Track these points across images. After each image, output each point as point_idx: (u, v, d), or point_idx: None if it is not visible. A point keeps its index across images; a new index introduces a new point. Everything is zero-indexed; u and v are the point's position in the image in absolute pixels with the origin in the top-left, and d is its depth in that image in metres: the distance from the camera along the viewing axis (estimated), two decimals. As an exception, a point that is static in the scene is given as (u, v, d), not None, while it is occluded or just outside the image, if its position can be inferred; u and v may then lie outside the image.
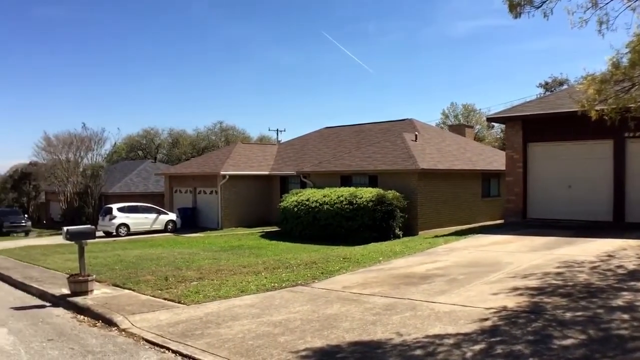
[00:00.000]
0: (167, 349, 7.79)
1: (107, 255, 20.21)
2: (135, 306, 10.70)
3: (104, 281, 13.79)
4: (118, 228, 32.71)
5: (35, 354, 8.09)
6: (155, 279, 13.62)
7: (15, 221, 42.80)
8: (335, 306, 9.61)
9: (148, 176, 48.64)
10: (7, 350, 8.34)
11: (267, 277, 13.09)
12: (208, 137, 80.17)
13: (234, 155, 37.00)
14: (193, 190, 37.29)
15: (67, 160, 47.10)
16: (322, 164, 30.83)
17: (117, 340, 8.61)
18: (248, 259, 17.48)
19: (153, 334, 8.52)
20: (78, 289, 12.11)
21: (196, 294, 11.49)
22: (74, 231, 12.65)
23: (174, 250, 21.72)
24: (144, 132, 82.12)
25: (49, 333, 9.35)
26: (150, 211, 34.64)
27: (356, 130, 37.56)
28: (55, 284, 13.94)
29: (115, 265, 16.82)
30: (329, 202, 24.02)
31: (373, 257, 15.77)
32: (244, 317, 9.24)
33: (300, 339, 7.71)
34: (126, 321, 9.49)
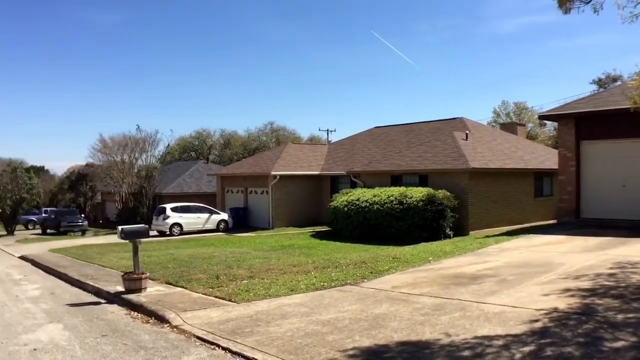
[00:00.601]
0: (218, 346, 7.93)
1: (160, 254, 20.60)
2: (187, 304, 10.90)
3: (158, 279, 14.08)
4: (171, 227, 33.28)
5: (90, 349, 8.33)
6: (206, 278, 13.84)
7: (72, 221, 43.76)
8: (384, 306, 9.63)
9: (200, 177, 49.30)
10: (62, 345, 8.61)
11: (317, 277, 13.18)
12: (259, 137, 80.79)
13: (284, 155, 37.24)
14: (244, 190, 37.68)
15: (122, 161, 48.08)
16: (372, 164, 30.79)
17: (169, 336, 8.80)
18: (298, 258, 17.60)
19: (204, 331, 8.68)
20: (132, 286, 12.40)
21: (246, 292, 11.64)
22: (128, 230, 12.96)
23: (225, 249, 22.00)
24: (196, 134, 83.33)
25: (103, 329, 9.62)
26: (202, 211, 35.14)
27: (406, 130, 37.38)
28: (110, 282, 14.29)
29: (168, 264, 17.14)
30: (379, 201, 23.98)
31: (423, 257, 15.71)
32: (293, 315, 9.33)
33: (349, 338, 7.76)
34: (178, 318, 9.68)
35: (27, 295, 13.92)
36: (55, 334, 9.39)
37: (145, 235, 13.24)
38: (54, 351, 8.25)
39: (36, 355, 8.09)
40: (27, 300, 13.22)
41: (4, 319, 10.86)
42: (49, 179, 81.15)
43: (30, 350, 8.33)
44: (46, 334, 9.36)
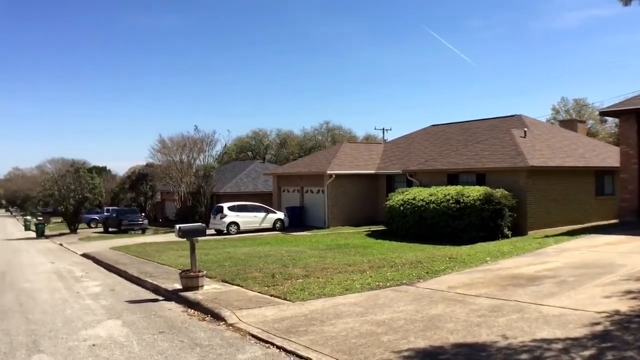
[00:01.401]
0: (272, 345, 7.94)
1: (217, 252, 20.82)
2: (243, 302, 10.97)
3: (214, 277, 14.23)
4: (228, 226, 33.62)
5: (147, 345, 8.46)
6: (262, 276, 13.90)
7: (132, 219, 44.64)
8: (440, 307, 9.49)
9: (257, 176, 49.71)
10: (120, 341, 8.77)
11: (372, 276, 13.10)
12: (315, 137, 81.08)
13: (340, 154, 37.22)
14: (300, 189, 37.81)
15: (181, 161, 48.88)
16: (428, 162, 30.51)
17: (225, 334, 8.86)
18: (353, 257, 17.54)
19: (259, 329, 8.71)
20: (189, 284, 12.56)
21: (301, 291, 11.65)
22: (185, 229, 13.13)
23: (281, 248, 22.11)
24: (253, 134, 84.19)
25: (161, 326, 9.76)
26: (259, 210, 35.40)
27: (463, 128, 36.91)
28: (169, 279, 14.52)
29: (225, 262, 17.31)
30: (436, 200, 23.72)
31: (480, 257, 15.46)
32: (347, 315, 9.29)
33: (404, 338, 7.67)
34: (233, 316, 9.75)
35: (88, 292, 14.26)
36: (114, 330, 9.58)
37: (202, 234, 13.36)
38: (112, 347, 8.41)
39: (95, 350, 8.26)
40: (88, 296, 13.54)
41: (65, 315, 11.14)
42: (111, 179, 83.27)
43: (90, 346, 8.51)
44: (105, 330, 9.56)
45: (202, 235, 13.38)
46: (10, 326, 10.27)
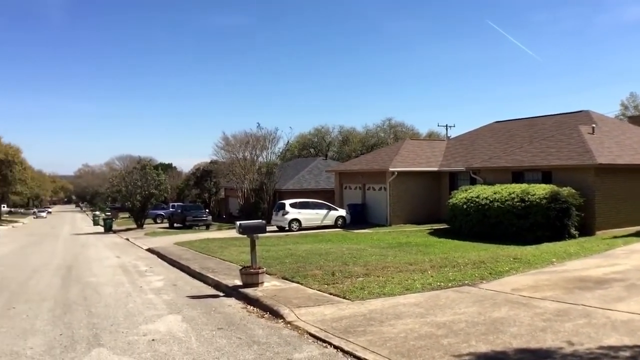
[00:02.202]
0: (329, 344, 7.85)
1: (278, 249, 20.87)
2: (302, 300, 10.92)
3: (274, 274, 14.23)
4: (290, 223, 33.69)
5: (205, 341, 8.49)
6: (322, 274, 13.83)
7: (197, 215, 45.25)
8: (503, 309, 9.22)
9: (319, 173, 49.77)
10: (179, 336, 8.84)
11: (433, 276, 12.86)
12: (377, 134, 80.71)
13: (402, 151, 36.87)
14: (362, 186, 37.62)
15: (244, 158, 49.36)
16: (492, 160, 29.89)
17: (282, 332, 8.83)
18: (415, 256, 17.30)
19: (317, 328, 8.64)
20: (249, 280, 12.60)
21: (361, 290, 11.52)
22: (246, 226, 13.17)
23: (342, 245, 22.00)
24: (315, 131, 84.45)
25: (220, 322, 9.80)
26: (320, 207, 35.36)
27: (528, 124, 35.97)
28: (230, 275, 14.62)
29: (285, 259, 17.31)
30: (500, 199, 23.17)
31: (545, 258, 15.01)
32: (407, 316, 9.12)
33: (464, 342, 7.46)
34: (292, 314, 9.71)
35: (150, 287, 14.49)
36: (174, 325, 9.67)
37: (262, 231, 13.36)
38: (170, 342, 8.48)
39: (154, 345, 8.34)
40: (151, 291, 13.76)
41: (127, 309, 11.34)
42: (176, 176, 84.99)
43: (149, 341, 8.61)
44: (165, 325, 9.66)
45: (263, 232, 13.37)
46: (73, 319, 10.50)
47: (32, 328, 9.85)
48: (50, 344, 8.68)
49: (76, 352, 8.14)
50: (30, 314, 11.23)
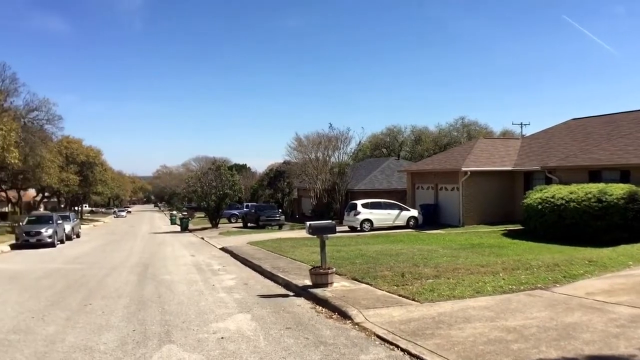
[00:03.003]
0: (396, 347, 7.79)
1: (349, 249, 20.87)
2: (370, 301, 10.88)
3: (344, 274, 14.23)
4: (362, 223, 33.66)
5: (273, 340, 8.58)
6: (392, 275, 13.73)
7: (270, 215, 45.74)
8: (576, 314, 8.94)
9: (391, 173, 49.54)
10: (248, 335, 8.97)
11: (505, 279, 12.58)
12: (450, 133, 79.70)
13: (475, 151, 36.32)
14: (434, 186, 37.24)
15: (316, 158, 49.67)
16: (568, 159, 29.05)
17: (350, 333, 8.82)
18: (487, 258, 16.98)
19: (384, 330, 8.59)
20: (319, 281, 12.64)
21: (431, 292, 11.38)
22: (315, 226, 13.22)
23: (413, 246, 21.82)
24: (387, 130, 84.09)
25: (288, 322, 9.89)
26: (392, 207, 35.19)
27: (606, 121, 34.74)
28: (300, 275, 14.71)
29: (356, 260, 17.29)
30: (576, 199, 22.47)
31: (621, 261, 14.46)
32: (476, 319, 8.97)
33: (535, 347, 7.26)
34: (360, 315, 9.68)
35: (222, 285, 14.76)
36: (243, 323, 9.82)
37: (332, 232, 13.34)
38: (239, 340, 8.61)
39: (222, 343, 8.48)
40: (222, 289, 14.00)
41: (199, 307, 11.57)
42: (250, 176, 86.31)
43: (218, 339, 8.76)
44: (235, 324, 9.82)
45: (332, 232, 13.36)
46: (146, 316, 10.81)
47: (107, 324, 10.19)
48: (123, 339, 8.96)
49: (147, 348, 8.37)
50: (106, 310, 11.62)
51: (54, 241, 31.56)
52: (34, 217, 35.95)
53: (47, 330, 9.75)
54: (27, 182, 53.96)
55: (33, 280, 16.93)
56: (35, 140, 44.02)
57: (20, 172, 47.88)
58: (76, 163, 64.62)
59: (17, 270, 19.80)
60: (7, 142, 32.02)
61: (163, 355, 8.00)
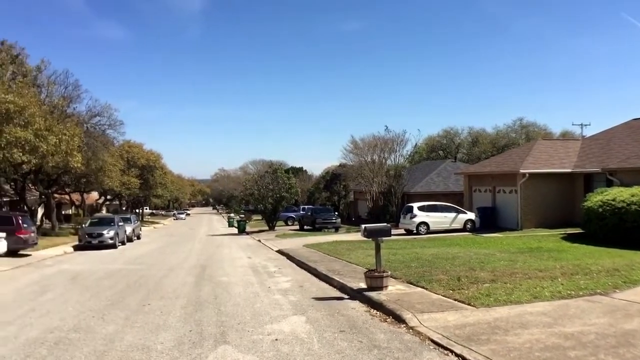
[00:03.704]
0: (451, 352, 7.75)
1: (405, 252, 20.76)
2: (425, 305, 10.83)
3: (399, 278, 14.19)
4: (418, 226, 33.46)
5: (326, 343, 8.63)
6: (447, 279, 13.63)
7: (326, 218, 45.74)
8: (636, 321, 8.72)
9: (448, 175, 49.09)
10: (302, 337, 9.04)
11: (563, 284, 12.35)
12: (508, 134, 78.37)
13: (534, 152, 35.65)
14: (492, 189, 36.70)
15: (372, 161, 49.64)
16: (629, 160, 28.22)
17: (404, 337, 8.80)
18: (545, 262, 16.65)
19: (439, 335, 8.55)
20: (373, 284, 12.64)
21: (487, 296, 11.26)
22: (371, 229, 13.22)
23: (470, 250, 21.56)
24: (444, 132, 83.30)
25: (342, 325, 9.92)
26: (449, 210, 34.87)
27: (669, 121, 33.64)
28: (355, 278, 14.71)
29: (411, 263, 17.20)
30: (637, 202, 21.83)
31: (685, 266, 14.03)
32: (533, 325, 8.84)
33: (592, 355, 7.12)
34: (415, 319, 9.65)
35: (278, 287, 14.90)
36: (298, 326, 9.90)
37: (387, 234, 13.30)
38: (293, 343, 8.69)
39: (276, 345, 8.59)
40: (278, 291, 14.14)
41: (254, 309, 11.72)
42: (307, 179, 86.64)
43: (272, 340, 8.87)
44: (289, 326, 9.91)
45: (387, 235, 13.32)
46: (202, 317, 11.00)
47: (164, 324, 10.41)
48: (179, 339, 9.15)
49: (203, 349, 8.52)
50: (164, 310, 11.87)
51: (115, 243, 32.36)
52: (96, 219, 37.03)
53: (107, 330, 10.03)
54: (90, 186, 55.49)
55: (94, 281, 17.43)
56: (97, 144, 45.17)
57: (84, 176, 49.25)
58: (137, 167, 66.06)
59: (79, 271, 20.39)
60: (70, 146, 32.93)
61: (218, 355, 8.14)
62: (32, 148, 29.69)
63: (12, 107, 28.82)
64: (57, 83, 42.83)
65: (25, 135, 28.96)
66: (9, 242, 23.53)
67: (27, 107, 29.73)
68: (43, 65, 41.70)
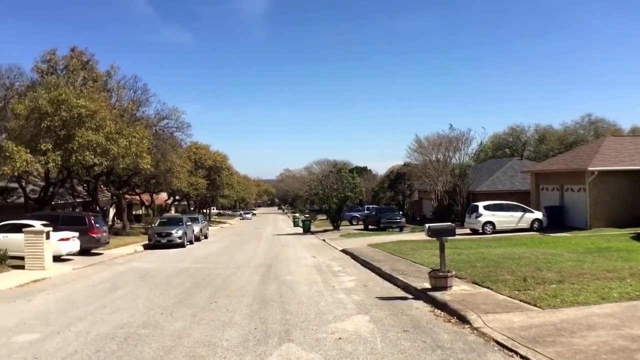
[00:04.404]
0: (515, 353, 7.71)
1: (470, 252, 20.59)
2: (490, 305, 10.76)
3: (464, 278, 14.11)
4: (484, 226, 33.04)
5: (390, 343, 8.68)
6: (513, 279, 13.49)
7: (391, 218, 45.56)
8: None
9: (514, 174, 48.24)
10: (365, 336, 9.12)
11: (632, 285, 12.06)
12: (576, 131, 76.40)
13: (603, 149, 34.68)
14: (560, 187, 35.92)
15: (437, 160, 49.25)
16: None
17: (468, 338, 8.79)
18: (614, 262, 16.25)
19: (503, 336, 8.50)
20: (438, 284, 12.61)
21: (553, 297, 11.10)
22: (435, 228, 13.21)
23: (536, 250, 21.20)
24: (509, 130, 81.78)
25: (406, 324, 9.96)
26: (515, 209, 34.29)
27: None
28: (419, 278, 14.71)
29: (476, 263, 17.07)
30: None
31: None
32: (600, 327, 8.69)
33: (661, 358, 6.99)
34: (479, 320, 9.61)
35: (342, 287, 15.02)
36: (361, 325, 9.99)
37: (451, 234, 13.25)
38: (356, 342, 8.78)
39: (340, 344, 8.69)
40: (342, 291, 14.26)
41: (318, 308, 11.87)
42: (371, 178, 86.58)
43: (336, 339, 8.99)
44: (352, 325, 10.01)
45: (451, 235, 13.28)
46: (267, 315, 11.22)
47: (230, 321, 10.68)
48: (245, 336, 9.37)
49: (267, 346, 8.71)
50: (230, 308, 12.16)
51: (183, 242, 33.15)
52: (165, 219, 38.02)
53: (175, 326, 10.36)
54: (159, 186, 56.89)
55: (163, 278, 17.94)
56: (165, 146, 46.32)
57: (153, 177, 50.60)
58: (204, 168, 67.27)
59: (149, 269, 21.00)
60: (140, 149, 33.88)
61: (282, 353, 8.31)
62: (104, 150, 30.70)
63: (83, 112, 29.90)
64: (126, 87, 44.28)
65: (96, 139, 29.99)
66: (82, 241, 24.46)
67: (98, 111, 30.77)
68: (113, 70, 43.13)
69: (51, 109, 29.67)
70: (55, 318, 11.43)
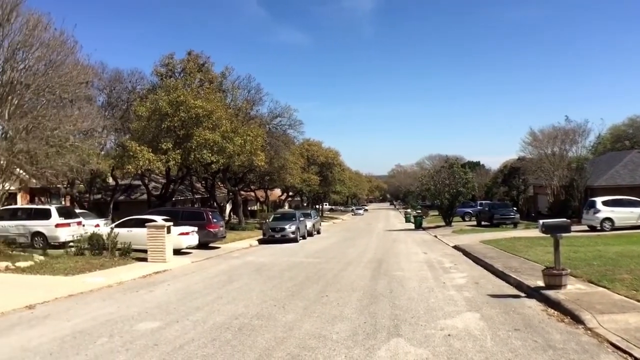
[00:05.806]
0: (630, 355, 7.54)
1: (587, 250, 19.96)
2: (606, 305, 10.47)
3: (580, 276, 13.75)
4: (602, 222, 31.79)
5: (500, 341, 8.65)
6: (631, 279, 13.02)
7: (504, 213, 44.66)
8: None
9: (635, 167, 45.88)
10: (474, 334, 9.12)
11: None
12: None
13: None
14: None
15: (552, 153, 47.73)
16: None
17: (581, 339, 8.62)
18: None
19: (618, 337, 8.30)
20: (552, 282, 12.35)
21: (674, 298, 10.68)
22: (548, 224, 12.94)
23: (661, 248, 20.25)
24: (629, 121, 77.66)
25: (517, 323, 9.87)
26: (636, 205, 32.69)
27: None
28: (532, 276, 14.44)
29: (593, 261, 16.55)
30: None
31: None
32: None
33: None
34: (594, 320, 9.39)
35: (453, 283, 14.99)
36: (471, 322, 9.99)
37: (566, 230, 12.91)
38: (465, 339, 8.81)
39: (448, 340, 8.75)
40: (452, 287, 14.24)
41: (428, 304, 11.95)
42: (484, 174, 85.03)
43: (445, 336, 9.05)
44: (462, 322, 10.02)
45: (566, 231, 12.94)
46: (377, 309, 11.42)
47: (340, 315, 10.94)
48: (354, 330, 9.60)
49: (376, 340, 8.89)
50: (340, 302, 12.44)
51: (296, 237, 33.95)
52: (279, 215, 39.09)
53: (286, 318, 10.74)
54: (273, 183, 58.43)
55: (276, 272, 18.52)
56: (279, 144, 47.52)
57: (267, 174, 52.04)
58: (316, 164, 68.27)
59: (263, 263, 21.70)
60: (254, 146, 35.01)
61: (390, 347, 8.47)
62: (220, 149, 31.99)
63: (201, 112, 31.28)
64: (240, 87, 45.78)
65: (213, 137, 31.29)
66: (200, 235, 25.65)
67: (214, 111, 32.09)
68: (227, 71, 44.75)
69: (171, 110, 31.24)
70: (175, 308, 12.14)
